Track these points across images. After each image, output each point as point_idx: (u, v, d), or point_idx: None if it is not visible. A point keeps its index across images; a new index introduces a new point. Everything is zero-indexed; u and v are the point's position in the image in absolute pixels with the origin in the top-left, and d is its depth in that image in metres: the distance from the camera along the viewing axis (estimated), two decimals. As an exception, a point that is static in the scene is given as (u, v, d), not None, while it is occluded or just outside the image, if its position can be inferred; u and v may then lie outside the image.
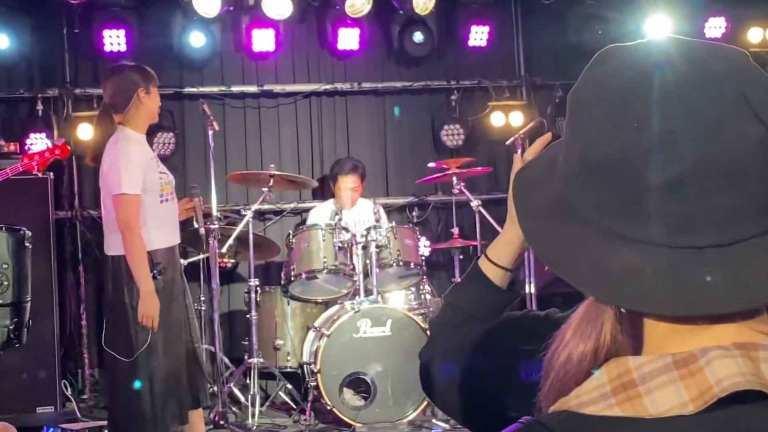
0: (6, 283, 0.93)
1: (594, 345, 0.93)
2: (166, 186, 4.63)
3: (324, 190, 7.63)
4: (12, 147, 6.44)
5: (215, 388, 5.72)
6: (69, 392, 6.25)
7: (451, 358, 1.47)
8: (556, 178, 0.97)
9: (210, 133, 5.91)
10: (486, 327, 1.47)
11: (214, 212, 5.87)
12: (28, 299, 1.01)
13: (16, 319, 0.95)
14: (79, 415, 6.04)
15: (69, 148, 5.63)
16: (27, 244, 0.99)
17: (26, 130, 7.14)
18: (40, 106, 7.23)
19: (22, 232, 0.98)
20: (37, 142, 7.00)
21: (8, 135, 7.10)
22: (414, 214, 7.21)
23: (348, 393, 5.72)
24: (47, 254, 6.19)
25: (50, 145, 5.85)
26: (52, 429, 5.64)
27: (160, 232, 4.57)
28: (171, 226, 4.67)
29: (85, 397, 6.80)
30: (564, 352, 0.95)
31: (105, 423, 5.73)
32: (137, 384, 4.43)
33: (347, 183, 6.81)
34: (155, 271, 4.47)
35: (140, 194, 4.46)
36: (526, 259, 6.43)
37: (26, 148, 6.90)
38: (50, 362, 6.02)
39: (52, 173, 6.32)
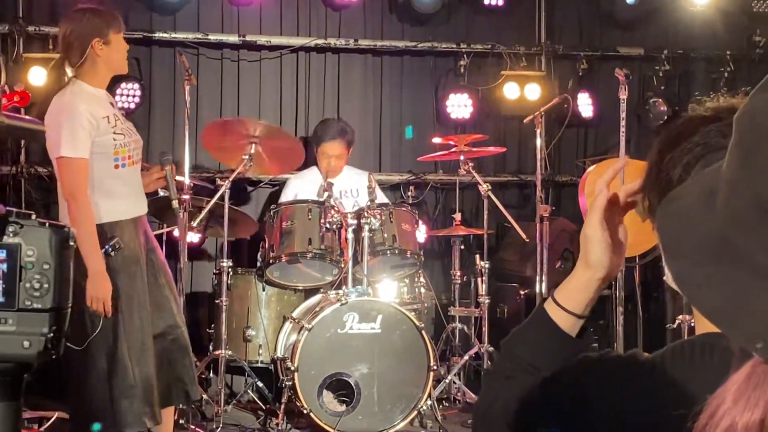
0: (46, 285, 0.88)
1: (761, 415, 0.87)
2: (122, 149, 4.47)
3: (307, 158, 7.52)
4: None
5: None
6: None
7: (521, 417, 1.42)
8: (715, 216, 0.90)
9: (186, 88, 5.77)
10: (567, 380, 1.41)
11: (186, 180, 5.74)
12: (70, 305, 0.96)
13: (55, 327, 0.91)
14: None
15: (29, 94, 5.48)
16: (71, 243, 0.94)
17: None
18: (-13, 44, 7.05)
19: (66, 229, 0.93)
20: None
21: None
22: (410, 194, 7.10)
23: (328, 396, 5.61)
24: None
25: (6, 91, 5.69)
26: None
27: (117, 201, 4.43)
28: (132, 194, 4.53)
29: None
30: (725, 420, 0.90)
31: (45, 414, 5.63)
32: (91, 376, 4.31)
33: (331, 149, 6.70)
34: (107, 247, 4.32)
35: (86, 158, 4.31)
36: (538, 255, 6.36)
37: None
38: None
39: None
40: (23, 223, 1.00)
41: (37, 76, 6.89)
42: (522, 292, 7.00)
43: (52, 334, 1.02)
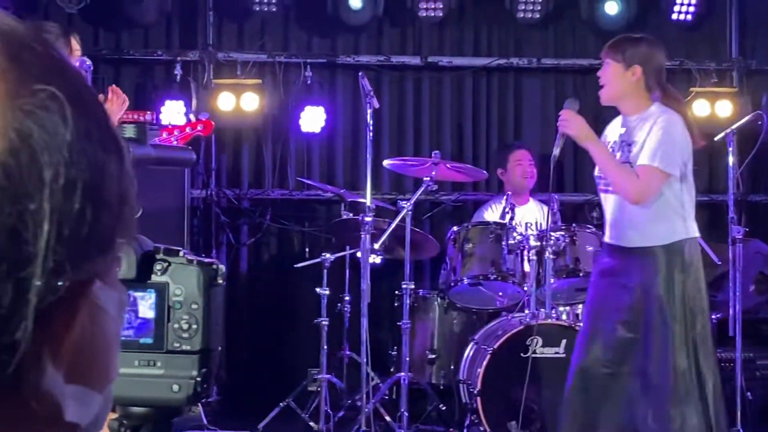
0: (195, 326, 0.88)
1: None
2: None
3: (490, 183, 7.55)
4: (147, 116, 6.58)
5: (359, 404, 5.73)
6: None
7: None
8: None
9: (368, 110, 5.90)
10: None
11: (368, 202, 5.86)
12: (219, 347, 0.97)
13: (204, 370, 0.91)
14: (205, 421, 6.13)
15: (212, 124, 5.70)
16: (220, 281, 0.95)
17: (162, 97, 7.27)
18: (178, 71, 7.36)
19: (215, 266, 0.94)
20: (174, 111, 7.11)
21: (142, 101, 7.28)
22: (594, 215, 7.02)
23: (511, 421, 5.61)
24: (180, 238, 6.30)
25: (192, 119, 5.95)
26: (176, 435, 5.75)
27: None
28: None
29: (210, 400, 6.91)
30: None
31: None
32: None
33: (523, 155, 6.77)
34: None
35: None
36: (730, 279, 6.19)
37: (161, 116, 7.03)
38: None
39: (190, 147, 6.42)
40: (171, 261, 0.99)
41: (227, 102, 7.17)
42: (714, 317, 6.81)
43: (201, 378, 1.01)
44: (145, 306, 1.00)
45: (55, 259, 0.60)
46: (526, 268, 5.94)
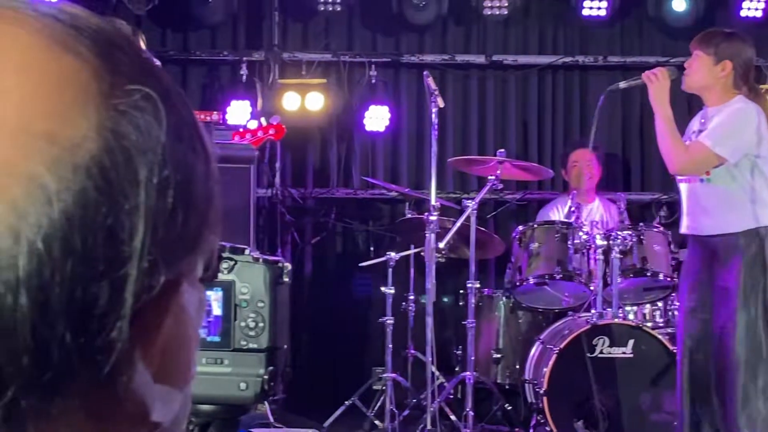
0: (261, 324, 0.88)
1: None
2: None
3: (555, 182, 7.51)
4: (214, 116, 6.63)
5: (424, 403, 5.72)
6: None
7: None
8: None
9: (433, 110, 5.88)
10: None
11: (432, 201, 5.85)
12: (285, 345, 0.98)
13: (271, 368, 0.90)
14: (271, 419, 6.17)
15: (284, 128, 5.72)
16: (286, 279, 0.94)
17: (228, 97, 7.33)
18: (244, 71, 7.41)
19: (280, 264, 0.93)
20: (240, 111, 7.16)
21: (208, 101, 7.36)
22: (662, 214, 6.95)
23: (577, 421, 5.57)
24: (245, 237, 6.35)
25: (264, 123, 5.98)
26: (242, 432, 5.79)
27: None
28: None
29: (277, 398, 6.95)
30: None
31: (301, 431, 5.85)
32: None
33: (581, 155, 6.70)
34: None
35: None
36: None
37: (227, 116, 7.08)
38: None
39: (255, 147, 6.46)
40: (237, 259, 0.99)
41: (292, 102, 7.21)
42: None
43: (267, 376, 1.00)
44: (213, 304, 1.00)
45: (150, 258, 0.60)
46: (593, 267, 5.89)
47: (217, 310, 0.96)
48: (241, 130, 6.01)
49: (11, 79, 0.57)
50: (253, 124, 6.31)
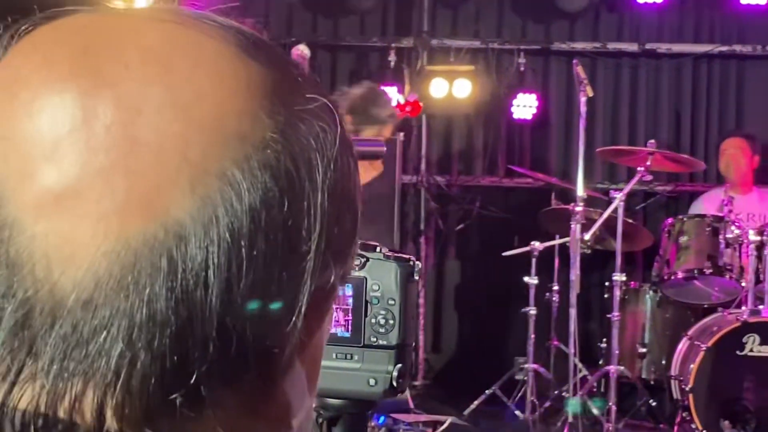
0: (391, 321, 0.88)
1: None
2: None
3: (708, 174, 7.30)
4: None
5: (566, 395, 5.66)
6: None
7: None
8: None
9: (582, 99, 5.79)
10: None
11: (579, 191, 5.77)
12: (414, 342, 0.97)
13: (400, 365, 0.91)
14: (411, 405, 6.19)
15: (421, 105, 5.72)
16: (416, 277, 0.94)
17: (376, 83, 7.35)
18: (392, 57, 7.44)
19: (411, 262, 0.94)
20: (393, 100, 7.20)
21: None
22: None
23: (724, 421, 5.41)
24: (389, 223, 6.37)
25: (401, 101, 5.97)
26: (382, 417, 5.82)
27: None
28: None
29: (416, 384, 6.98)
30: None
31: (441, 417, 5.85)
32: None
33: (730, 144, 6.49)
34: None
35: None
36: None
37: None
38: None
39: (402, 134, 6.48)
40: (369, 256, 0.99)
41: (439, 89, 7.19)
42: None
43: (396, 373, 1.00)
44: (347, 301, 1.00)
45: (323, 258, 0.63)
46: (745, 262, 5.70)
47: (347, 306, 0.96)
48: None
49: (206, 84, 0.60)
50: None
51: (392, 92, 7.22)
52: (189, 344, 0.58)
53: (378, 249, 0.99)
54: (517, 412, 6.19)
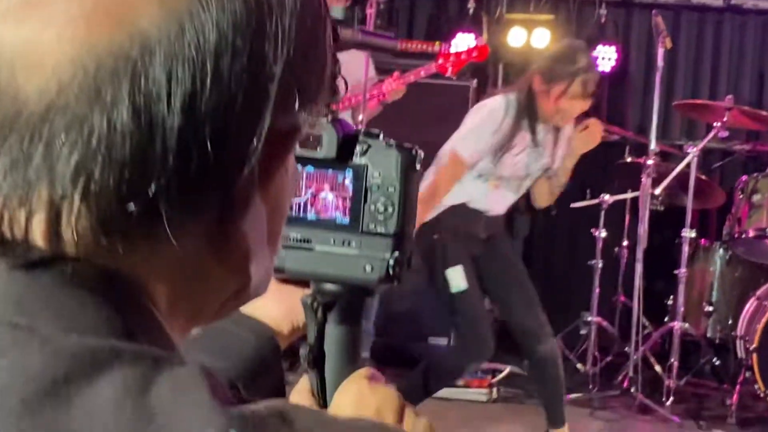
0: (390, 209, 0.89)
1: None
2: None
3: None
4: (432, 47, 6.62)
5: (627, 349, 5.62)
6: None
7: None
8: None
9: (660, 51, 5.69)
10: None
11: (652, 145, 5.69)
12: (413, 232, 0.97)
13: (397, 253, 0.91)
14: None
15: (488, 49, 5.64)
16: (418, 167, 0.94)
17: (453, 30, 7.30)
18: (471, 4, 7.37)
19: (414, 151, 0.93)
20: (464, 44, 7.13)
21: (433, 34, 7.36)
22: None
23: (787, 383, 5.34)
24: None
25: (470, 46, 5.90)
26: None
27: None
28: None
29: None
30: None
31: (501, 366, 5.86)
32: None
33: None
34: None
35: None
36: None
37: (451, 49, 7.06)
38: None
39: (475, 80, 6.43)
40: (370, 143, 0.98)
41: (517, 38, 7.11)
42: None
43: (393, 260, 1.00)
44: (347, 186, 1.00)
45: (288, 88, 0.65)
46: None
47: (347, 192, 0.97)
48: (443, 52, 5.90)
49: None
50: (456, 47, 6.20)
51: (470, 40, 7.17)
52: (148, 155, 0.59)
53: (380, 137, 0.99)
54: (579, 365, 6.17)
